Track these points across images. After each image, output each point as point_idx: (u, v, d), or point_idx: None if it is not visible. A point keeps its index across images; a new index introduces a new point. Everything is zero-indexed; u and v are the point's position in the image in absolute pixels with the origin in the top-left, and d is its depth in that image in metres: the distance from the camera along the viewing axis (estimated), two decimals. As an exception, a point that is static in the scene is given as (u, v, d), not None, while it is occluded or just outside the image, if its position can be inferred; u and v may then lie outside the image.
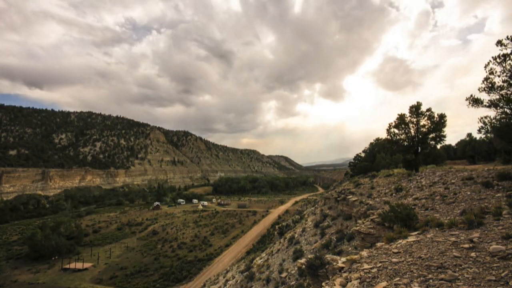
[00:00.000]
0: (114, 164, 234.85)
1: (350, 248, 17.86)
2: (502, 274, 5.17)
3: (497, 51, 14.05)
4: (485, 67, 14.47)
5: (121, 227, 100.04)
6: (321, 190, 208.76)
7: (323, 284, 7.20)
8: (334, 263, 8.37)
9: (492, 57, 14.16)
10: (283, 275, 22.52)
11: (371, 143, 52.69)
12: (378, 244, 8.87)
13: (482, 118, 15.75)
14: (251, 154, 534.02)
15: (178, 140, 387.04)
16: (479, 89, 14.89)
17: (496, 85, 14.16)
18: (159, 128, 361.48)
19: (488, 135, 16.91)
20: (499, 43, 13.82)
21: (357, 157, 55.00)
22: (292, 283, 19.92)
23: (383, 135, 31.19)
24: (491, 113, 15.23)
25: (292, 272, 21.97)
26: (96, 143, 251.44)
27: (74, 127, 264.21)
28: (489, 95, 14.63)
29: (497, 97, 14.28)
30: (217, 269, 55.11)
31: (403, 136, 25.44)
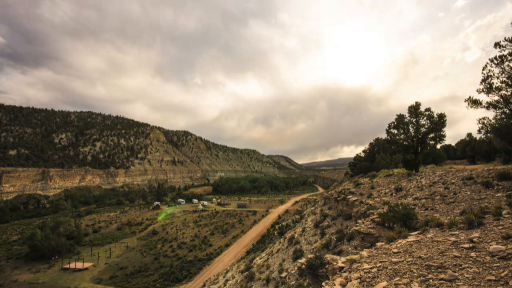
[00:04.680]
0: (114, 164, 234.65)
1: (350, 248, 17.86)
2: (502, 274, 5.18)
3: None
4: (483, 69, 14.51)
5: (121, 227, 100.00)
6: (321, 190, 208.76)
7: (323, 284, 7.21)
8: (334, 263, 8.38)
9: (490, 59, 14.20)
10: (283, 275, 22.53)
11: (371, 143, 52.67)
12: (378, 244, 8.88)
13: (481, 119, 15.78)
14: (251, 154, 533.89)
15: (178, 140, 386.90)
16: (477, 91, 14.94)
17: (494, 86, 14.21)
18: (159, 128, 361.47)
19: (488, 135, 16.93)
20: (497, 45, 13.85)
21: (357, 157, 54.98)
22: (292, 283, 19.92)
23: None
24: (490, 113, 15.28)
25: (292, 272, 21.98)
26: (96, 143, 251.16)
27: (74, 127, 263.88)
28: (488, 96, 14.68)
29: (496, 98, 14.32)
30: (217, 269, 55.10)
31: (402, 136, 25.44)
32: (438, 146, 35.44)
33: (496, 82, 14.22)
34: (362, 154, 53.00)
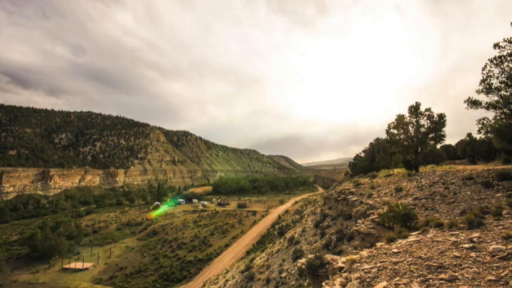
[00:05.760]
0: (114, 164, 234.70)
1: (350, 248, 17.87)
2: (502, 274, 5.19)
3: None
4: (483, 69, 14.54)
5: (121, 227, 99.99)
6: (321, 190, 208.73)
7: (323, 284, 7.22)
8: (334, 263, 8.39)
9: (489, 59, 14.23)
10: (283, 275, 22.55)
11: (371, 143, 52.68)
12: (378, 244, 8.88)
13: (480, 119, 15.80)
14: (251, 154, 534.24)
15: (178, 140, 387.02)
16: (477, 91, 14.98)
17: (493, 86, 14.25)
18: (159, 128, 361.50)
19: (488, 135, 16.96)
20: (497, 45, 13.88)
21: (357, 157, 55.00)
22: (292, 283, 19.94)
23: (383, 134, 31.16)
24: (490, 114, 15.31)
25: (292, 272, 22.00)
26: (96, 143, 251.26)
27: (74, 127, 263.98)
28: (488, 97, 14.71)
29: (496, 98, 14.35)
30: (217, 269, 55.10)
31: (402, 136, 25.46)
32: (438, 146, 35.44)
33: (495, 83, 14.25)
34: (362, 154, 53.00)
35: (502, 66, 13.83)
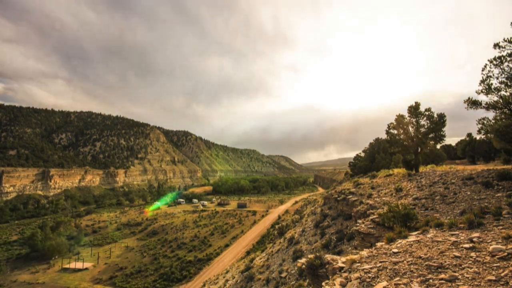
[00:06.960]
0: (114, 164, 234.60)
1: (350, 248, 17.87)
2: (502, 274, 5.19)
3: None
4: (483, 69, 14.53)
5: (120, 227, 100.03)
6: (321, 190, 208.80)
7: (323, 284, 7.21)
8: (334, 263, 8.39)
9: (489, 60, 14.22)
10: (283, 275, 22.55)
11: (370, 143, 52.65)
12: (378, 244, 8.88)
13: (480, 119, 15.79)
14: (251, 154, 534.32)
15: (178, 139, 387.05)
16: (477, 92, 14.97)
17: (493, 86, 14.24)
18: (159, 128, 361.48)
19: (488, 135, 16.96)
20: (497, 45, 13.87)
21: (357, 157, 54.98)
22: (292, 283, 19.94)
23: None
24: (490, 114, 15.31)
25: (292, 272, 22.02)
26: (96, 143, 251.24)
27: (74, 127, 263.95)
28: (487, 97, 14.71)
29: (496, 98, 14.34)
30: (217, 269, 55.11)
31: (402, 137, 25.44)
32: (438, 146, 35.45)
33: (495, 83, 14.25)
34: (362, 154, 52.98)
35: (502, 67, 13.83)
